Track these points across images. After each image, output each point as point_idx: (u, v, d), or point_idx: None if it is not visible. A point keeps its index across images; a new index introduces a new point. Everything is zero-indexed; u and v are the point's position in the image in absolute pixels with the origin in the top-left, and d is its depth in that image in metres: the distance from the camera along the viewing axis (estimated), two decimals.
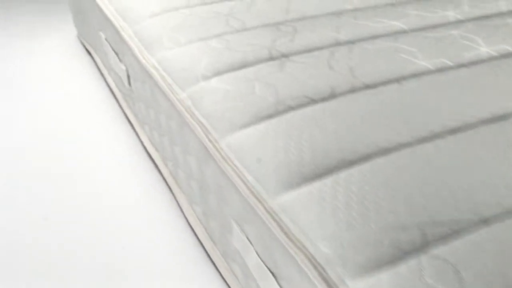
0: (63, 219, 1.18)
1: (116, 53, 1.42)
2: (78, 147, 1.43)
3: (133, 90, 1.35)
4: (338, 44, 1.09)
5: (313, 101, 0.89)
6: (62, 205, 1.22)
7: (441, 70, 0.98)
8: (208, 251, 1.07)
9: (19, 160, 1.37)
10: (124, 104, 1.53)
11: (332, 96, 0.91)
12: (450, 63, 1.00)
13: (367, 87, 0.93)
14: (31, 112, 1.59)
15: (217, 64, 1.02)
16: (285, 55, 1.04)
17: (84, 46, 1.99)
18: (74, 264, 1.07)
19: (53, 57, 1.94)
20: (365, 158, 0.77)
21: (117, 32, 1.34)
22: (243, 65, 1.01)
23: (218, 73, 1.00)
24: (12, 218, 1.19)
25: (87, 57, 1.93)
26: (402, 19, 1.19)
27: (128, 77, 1.36)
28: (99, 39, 1.63)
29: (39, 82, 1.77)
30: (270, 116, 0.87)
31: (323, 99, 0.90)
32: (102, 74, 1.78)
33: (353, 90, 0.92)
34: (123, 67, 1.36)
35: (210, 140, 0.89)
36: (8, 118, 1.55)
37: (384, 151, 0.77)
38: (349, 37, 1.11)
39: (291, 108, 0.88)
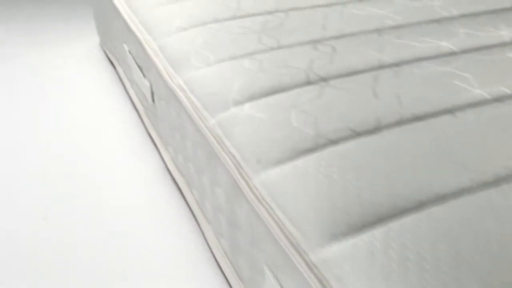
0: (89, 239, 1.12)
1: (140, 68, 1.35)
2: (97, 163, 1.38)
3: (157, 108, 1.28)
4: (381, 67, 1.00)
5: (356, 134, 0.81)
6: (84, 225, 1.16)
7: (499, 99, 0.89)
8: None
9: (34, 172, 1.32)
10: (146, 120, 1.47)
11: (378, 128, 0.83)
12: (509, 92, 0.91)
13: (417, 118, 0.85)
14: (49, 123, 1.53)
15: (250, 88, 0.94)
16: (324, 79, 0.96)
17: (107, 55, 1.94)
18: None
19: (74, 66, 1.89)
20: (419, 205, 0.68)
21: (141, 46, 1.28)
22: (279, 90, 0.94)
23: (251, 98, 0.92)
24: (46, 236, 1.13)
25: (109, 67, 1.88)
26: (451, 38, 1.10)
27: (152, 94, 1.29)
28: (122, 51, 1.57)
29: (58, 92, 1.72)
30: (309, 151, 0.79)
31: (368, 132, 0.82)
32: (124, 86, 1.72)
33: (401, 122, 0.84)
34: (147, 83, 1.29)
35: (242, 176, 0.81)
36: (26, 129, 1.50)
37: (441, 198, 0.69)
38: (393, 59, 1.02)
39: (332, 142, 0.80)
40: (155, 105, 1.30)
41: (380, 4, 1.31)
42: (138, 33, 1.29)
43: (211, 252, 1.09)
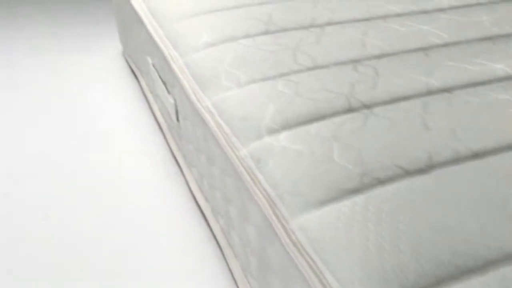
0: (100, 256, 1.06)
1: (164, 83, 1.29)
2: (116, 179, 1.31)
3: (182, 127, 1.21)
4: (430, 93, 0.91)
5: (407, 173, 0.73)
6: (101, 246, 1.10)
7: None
8: None
9: (54, 184, 1.26)
10: (170, 138, 1.40)
11: (431, 166, 0.74)
12: None
13: (475, 155, 0.76)
14: (67, 136, 1.48)
15: (285, 114, 0.87)
16: (367, 106, 0.88)
17: (129, 65, 1.88)
18: None
19: (95, 75, 1.84)
20: (487, 265, 0.59)
21: (166, 61, 1.21)
22: (317, 117, 0.86)
23: (287, 126, 0.84)
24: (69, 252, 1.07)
25: (131, 77, 1.82)
26: (508, 60, 1.01)
27: (177, 112, 1.22)
28: (145, 63, 1.51)
29: (76, 103, 1.66)
30: (354, 192, 0.71)
31: (420, 171, 0.73)
32: (147, 99, 1.66)
33: (457, 160, 0.75)
34: (172, 101, 1.22)
35: (277, 217, 0.73)
36: (42, 141, 1.45)
37: None
38: (443, 84, 0.94)
39: (379, 182, 0.72)
40: (180, 124, 1.23)
41: (422, 19, 1.22)
42: (163, 48, 1.22)
43: (237, 285, 1.02)
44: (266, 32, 1.16)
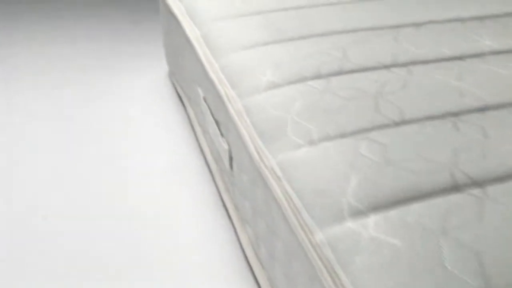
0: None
1: (217, 123, 1.14)
2: (156, 224, 1.18)
3: (235, 176, 1.07)
4: None
5: None
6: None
7: None
8: None
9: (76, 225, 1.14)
10: (219, 181, 1.25)
11: None
12: None
13: None
14: (102, 166, 1.35)
15: (374, 190, 0.70)
16: (478, 184, 0.70)
17: (175, 89, 1.75)
18: None
19: (137, 98, 1.71)
20: None
21: (221, 100, 1.06)
22: (417, 197, 0.69)
23: (377, 207, 0.68)
24: None
25: (178, 102, 1.69)
26: None
27: (231, 159, 1.08)
28: (195, 92, 1.37)
29: (115, 129, 1.54)
30: None
31: None
32: (194, 130, 1.52)
33: None
34: (225, 146, 1.08)
35: None
36: (74, 173, 1.33)
37: None
38: None
39: None
40: (233, 172, 1.08)
41: None
42: (217, 84, 1.07)
43: None
44: (340, 72, 1.00)
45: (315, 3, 1.30)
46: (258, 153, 0.87)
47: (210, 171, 1.34)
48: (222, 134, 1.11)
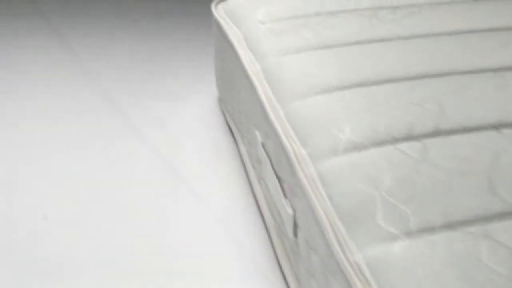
0: None
1: (280, 180, 0.98)
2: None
3: (300, 247, 0.90)
4: None
5: None
6: None
7: None
8: None
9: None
10: (277, 243, 1.09)
11: None
12: None
13: None
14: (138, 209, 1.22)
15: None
16: None
17: (226, 119, 1.60)
18: None
19: (182, 130, 1.55)
20: None
21: (287, 157, 0.90)
22: None
23: None
24: None
25: (225, 129, 1.54)
26: None
27: (295, 226, 0.92)
28: (251, 132, 1.22)
29: (153, 166, 1.40)
30: None
31: None
32: (246, 172, 1.36)
33: None
34: (290, 211, 0.92)
35: None
36: (108, 209, 1.19)
37: None
38: None
39: None
40: (298, 243, 0.92)
41: None
42: (283, 138, 0.91)
43: None
44: (437, 133, 0.82)
45: (399, 34, 1.11)
46: (338, 241, 0.71)
47: (266, 227, 1.17)
48: (285, 195, 0.95)
